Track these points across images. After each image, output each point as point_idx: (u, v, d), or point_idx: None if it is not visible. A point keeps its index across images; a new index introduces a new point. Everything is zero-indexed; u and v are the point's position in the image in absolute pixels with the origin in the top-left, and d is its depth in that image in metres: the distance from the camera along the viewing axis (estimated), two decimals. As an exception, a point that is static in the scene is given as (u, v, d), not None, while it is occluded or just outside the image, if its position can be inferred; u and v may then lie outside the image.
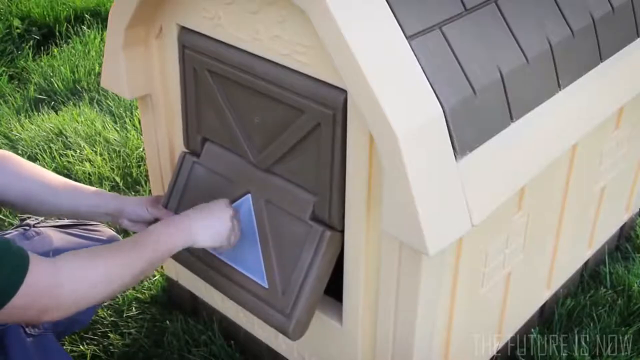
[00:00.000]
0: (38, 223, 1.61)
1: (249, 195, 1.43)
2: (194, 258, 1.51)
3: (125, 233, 2.10)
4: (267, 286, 1.40)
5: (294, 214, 1.36)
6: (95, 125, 2.65)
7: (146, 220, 1.51)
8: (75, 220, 1.66)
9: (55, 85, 2.99)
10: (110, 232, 1.70)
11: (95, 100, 2.88)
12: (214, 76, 1.40)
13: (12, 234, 1.57)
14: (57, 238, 1.59)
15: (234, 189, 1.46)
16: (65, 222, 1.67)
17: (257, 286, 1.42)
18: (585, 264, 1.96)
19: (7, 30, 3.40)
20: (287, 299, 1.36)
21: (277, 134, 1.34)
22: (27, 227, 1.58)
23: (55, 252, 1.51)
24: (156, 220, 1.49)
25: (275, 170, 1.39)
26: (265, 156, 1.39)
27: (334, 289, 1.43)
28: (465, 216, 1.15)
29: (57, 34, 3.45)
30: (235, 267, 1.45)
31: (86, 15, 3.57)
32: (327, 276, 1.36)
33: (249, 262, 1.43)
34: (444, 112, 1.12)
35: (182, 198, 1.54)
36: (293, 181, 1.36)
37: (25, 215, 1.63)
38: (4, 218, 2.20)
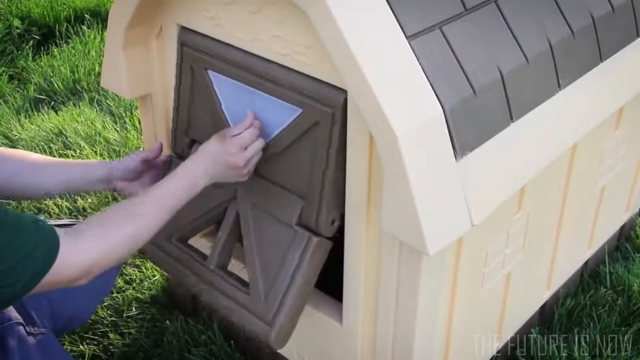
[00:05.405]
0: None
1: None
2: (182, 266, 1.49)
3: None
4: (248, 292, 1.37)
5: (280, 219, 1.34)
6: (95, 125, 2.65)
7: (137, 171, 1.49)
8: (75, 220, 1.65)
9: (55, 85, 2.99)
10: None
11: (95, 100, 2.88)
12: (211, 74, 1.39)
13: None
14: None
15: (220, 193, 1.43)
16: (65, 221, 1.67)
17: (238, 292, 1.39)
18: (585, 264, 1.96)
19: (7, 30, 3.40)
20: (269, 305, 1.33)
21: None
22: None
23: None
24: (149, 169, 1.49)
25: (264, 173, 1.38)
26: None
27: (334, 289, 1.43)
28: (465, 216, 1.15)
29: (57, 34, 3.44)
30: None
31: (86, 15, 3.57)
32: (311, 284, 1.33)
33: None
34: (443, 112, 1.12)
35: None
36: (282, 184, 1.35)
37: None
38: None
